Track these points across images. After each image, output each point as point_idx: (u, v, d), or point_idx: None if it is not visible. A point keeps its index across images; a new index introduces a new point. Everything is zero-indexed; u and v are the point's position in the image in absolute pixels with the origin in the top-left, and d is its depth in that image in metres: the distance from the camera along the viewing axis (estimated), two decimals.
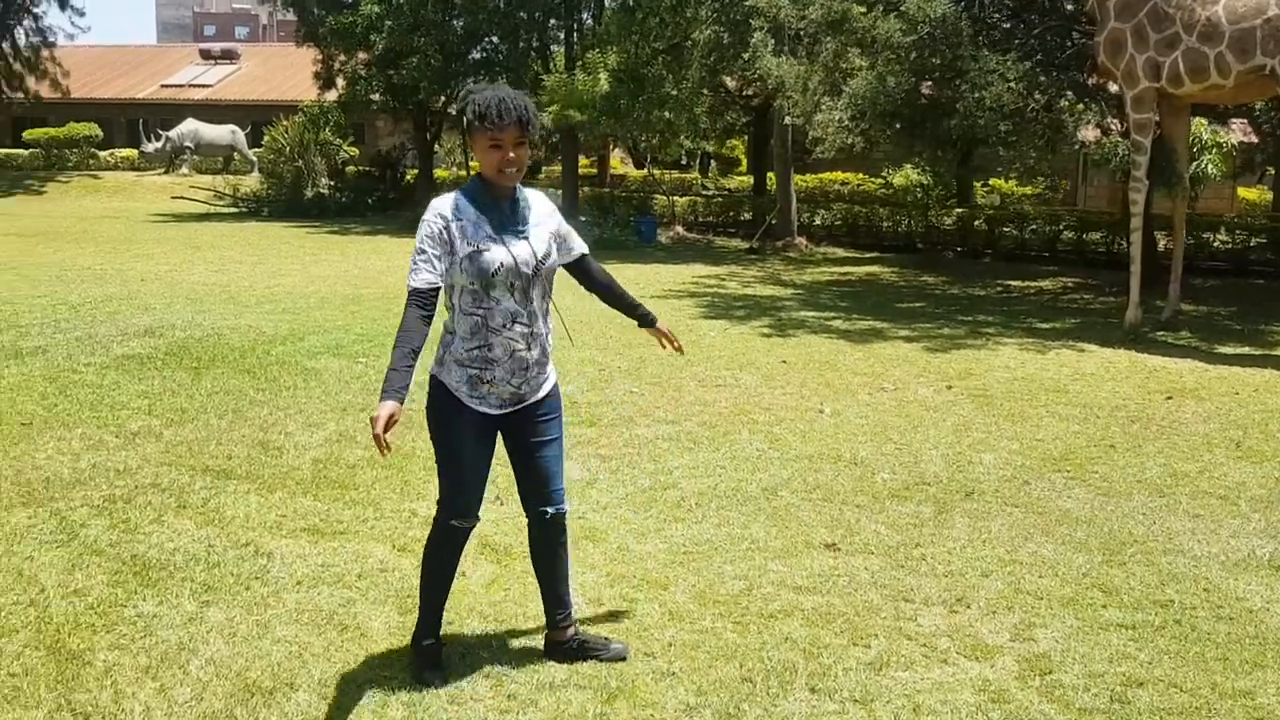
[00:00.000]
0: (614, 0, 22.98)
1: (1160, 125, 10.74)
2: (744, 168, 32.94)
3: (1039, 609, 3.87)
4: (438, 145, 30.50)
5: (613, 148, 30.12)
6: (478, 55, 25.85)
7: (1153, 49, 9.99)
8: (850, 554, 4.43)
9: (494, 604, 3.81)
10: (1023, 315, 11.75)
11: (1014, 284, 15.10)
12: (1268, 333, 10.78)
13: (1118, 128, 14.39)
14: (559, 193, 22.67)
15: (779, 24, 14.89)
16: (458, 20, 24.42)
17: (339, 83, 25.96)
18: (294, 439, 5.84)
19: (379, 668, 3.36)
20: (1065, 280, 15.73)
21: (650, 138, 19.93)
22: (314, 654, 3.42)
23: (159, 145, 31.62)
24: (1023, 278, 15.86)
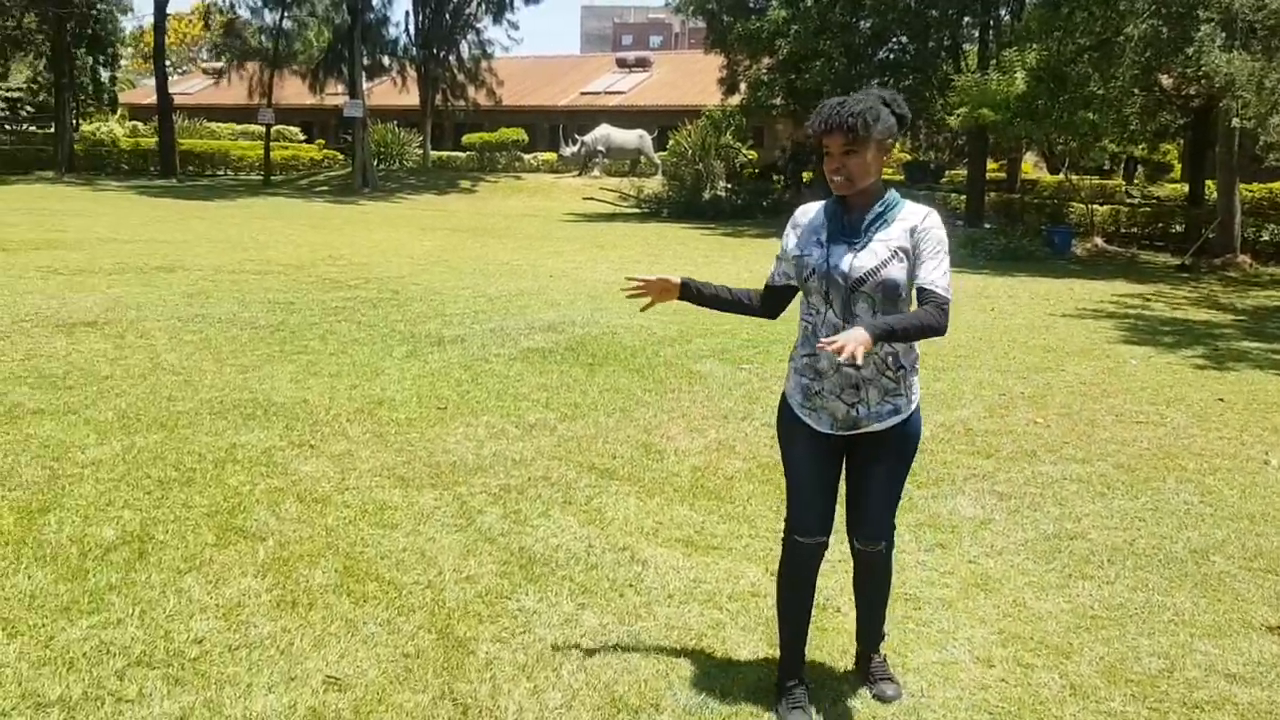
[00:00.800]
0: None
1: None
2: (1177, 174, 29.75)
3: None
4: None
5: (1025, 151, 28.34)
6: (884, 56, 25.35)
7: None
8: None
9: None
10: None
11: None
12: None
13: None
14: (949, 199, 21.63)
15: (1231, 15, 13.15)
16: (865, 21, 24.09)
17: (742, 88, 26.52)
18: (675, 443, 5.85)
19: (744, 700, 3.18)
20: None
21: (1070, 140, 18.41)
22: (681, 676, 3.31)
23: (575, 149, 34.08)
24: None
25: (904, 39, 24.84)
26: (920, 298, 2.89)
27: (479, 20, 36.90)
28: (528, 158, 37.65)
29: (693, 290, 3.19)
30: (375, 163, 34.93)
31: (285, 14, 34.05)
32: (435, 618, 3.64)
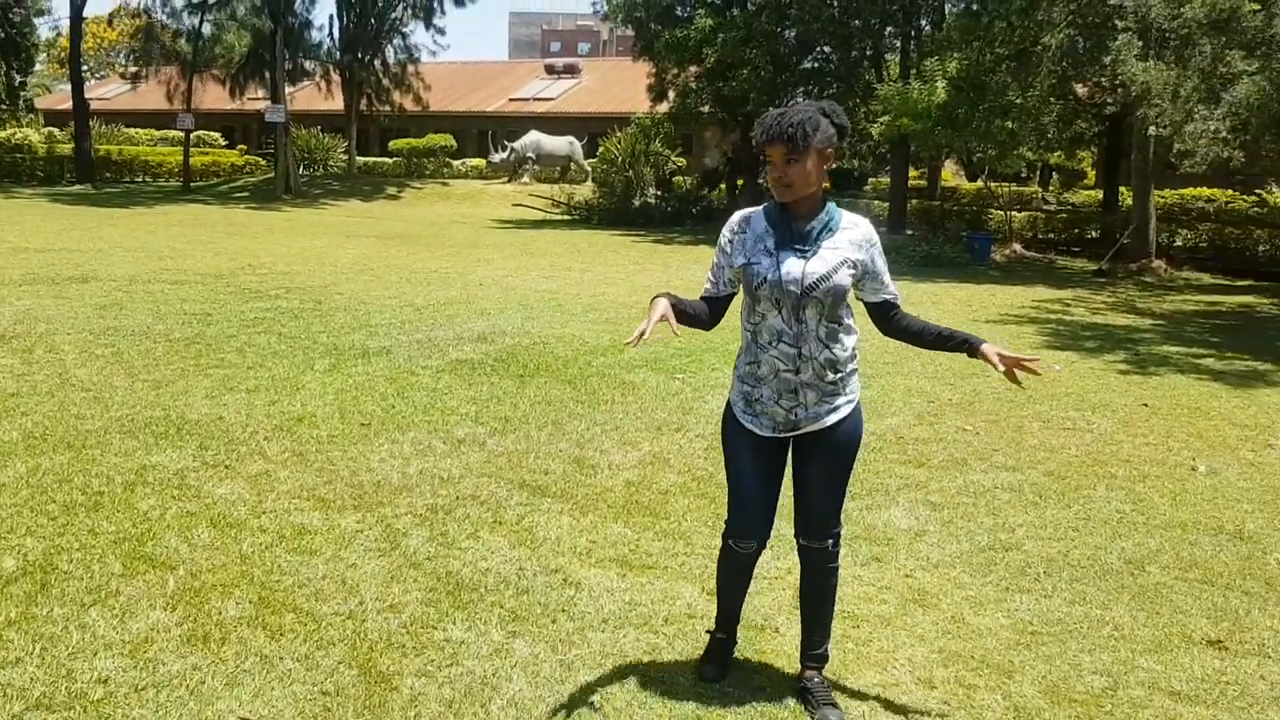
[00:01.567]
0: (957, 5, 21.93)
1: None
2: (1091, 181, 30.49)
3: None
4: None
5: (945, 159, 28.81)
6: (808, 65, 25.60)
7: None
8: (1240, 655, 3.66)
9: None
10: None
11: None
12: None
13: None
14: (871, 206, 21.90)
15: (1147, 24, 13.46)
16: (790, 30, 24.30)
17: (670, 95, 26.58)
18: (609, 457, 5.73)
19: None
20: None
21: (989, 149, 18.74)
22: (616, 708, 3.19)
23: (504, 155, 33.82)
24: None
25: (828, 48, 25.10)
26: (884, 309, 3.16)
27: (405, 25, 36.45)
28: (456, 164, 37.27)
29: (678, 310, 3.02)
30: (299, 169, 34.25)
31: (204, 18, 33.21)
32: (357, 651, 3.46)
